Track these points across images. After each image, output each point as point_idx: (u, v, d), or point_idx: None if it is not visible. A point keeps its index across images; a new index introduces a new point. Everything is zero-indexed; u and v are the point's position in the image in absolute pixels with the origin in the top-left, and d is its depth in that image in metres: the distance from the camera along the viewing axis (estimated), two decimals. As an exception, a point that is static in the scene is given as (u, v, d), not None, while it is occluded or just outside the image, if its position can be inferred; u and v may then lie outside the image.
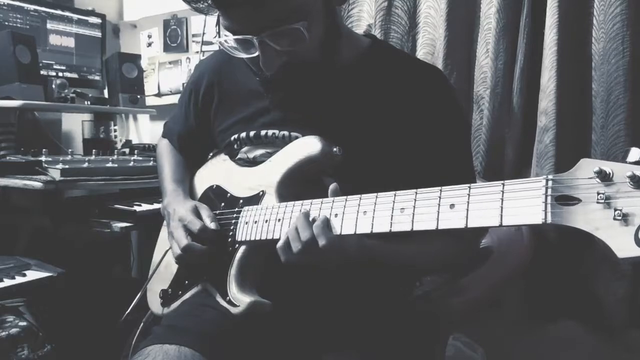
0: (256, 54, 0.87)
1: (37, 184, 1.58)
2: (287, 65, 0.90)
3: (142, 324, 1.12)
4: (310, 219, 0.83)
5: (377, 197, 0.77)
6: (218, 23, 0.90)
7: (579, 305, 1.65)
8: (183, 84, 2.53)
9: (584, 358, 1.70)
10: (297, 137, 0.99)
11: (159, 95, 2.62)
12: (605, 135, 1.56)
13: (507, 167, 1.74)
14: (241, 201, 1.02)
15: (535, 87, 1.66)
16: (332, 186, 0.84)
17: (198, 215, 1.02)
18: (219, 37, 0.91)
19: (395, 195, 0.75)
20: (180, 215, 1.03)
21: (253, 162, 1.06)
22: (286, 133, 1.00)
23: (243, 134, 1.05)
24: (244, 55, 0.90)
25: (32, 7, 2.13)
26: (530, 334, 1.74)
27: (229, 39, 0.88)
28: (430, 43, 1.81)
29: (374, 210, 0.77)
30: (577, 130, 1.62)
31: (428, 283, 1.39)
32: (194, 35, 2.50)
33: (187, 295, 1.05)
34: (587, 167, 0.57)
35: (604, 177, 0.55)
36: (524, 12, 1.66)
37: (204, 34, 2.43)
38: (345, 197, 0.82)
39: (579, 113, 1.61)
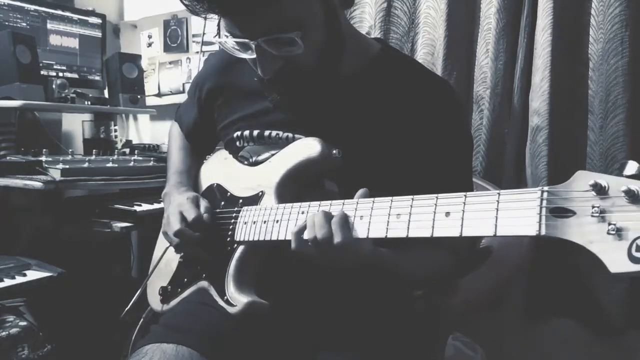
0: (254, 55, 0.88)
1: (38, 184, 1.58)
2: (284, 69, 0.89)
3: (141, 319, 1.12)
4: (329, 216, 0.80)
5: (373, 202, 0.77)
6: (219, 23, 0.91)
7: (578, 304, 1.65)
8: (183, 84, 2.54)
9: (583, 358, 1.70)
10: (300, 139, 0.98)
11: (159, 95, 2.62)
12: (604, 135, 1.56)
13: (507, 167, 1.74)
14: (241, 201, 1.02)
15: (534, 87, 1.67)
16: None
17: (196, 205, 1.03)
18: (219, 37, 0.91)
19: (392, 200, 0.75)
20: (179, 202, 1.05)
21: (255, 162, 1.06)
22: (290, 135, 1.00)
23: (246, 132, 1.05)
24: (243, 55, 0.90)
25: (32, 7, 2.13)
26: (530, 334, 1.74)
27: (229, 40, 0.89)
28: (430, 43, 1.81)
29: (371, 215, 0.76)
30: (572, 130, 1.62)
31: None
32: (194, 36, 2.51)
33: (186, 293, 1.05)
34: (583, 179, 0.56)
35: (600, 191, 0.55)
36: (524, 12, 1.66)
37: (204, 34, 2.43)
38: (342, 200, 0.81)
39: (574, 113, 1.61)
